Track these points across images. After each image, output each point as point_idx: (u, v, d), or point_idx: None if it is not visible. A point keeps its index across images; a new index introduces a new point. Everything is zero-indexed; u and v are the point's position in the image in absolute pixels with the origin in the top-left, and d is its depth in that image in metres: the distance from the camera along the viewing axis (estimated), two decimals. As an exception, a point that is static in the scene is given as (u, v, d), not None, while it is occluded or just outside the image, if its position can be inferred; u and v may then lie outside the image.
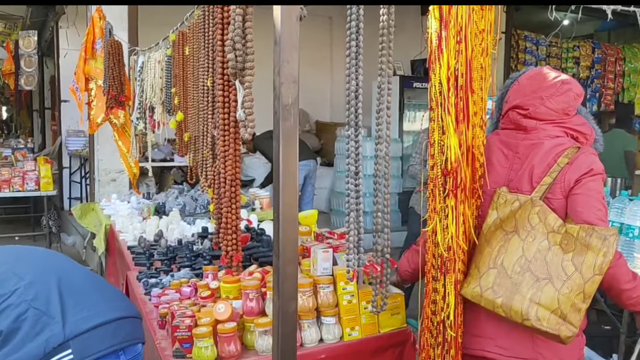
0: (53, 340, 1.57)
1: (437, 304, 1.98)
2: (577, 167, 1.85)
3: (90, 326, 1.64)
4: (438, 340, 1.97)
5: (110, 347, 1.66)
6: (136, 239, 3.66)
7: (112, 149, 5.64)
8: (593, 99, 7.97)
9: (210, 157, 2.16)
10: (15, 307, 1.59)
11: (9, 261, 1.76)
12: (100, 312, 1.70)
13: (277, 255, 1.70)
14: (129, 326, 1.78)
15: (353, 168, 1.86)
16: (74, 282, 1.75)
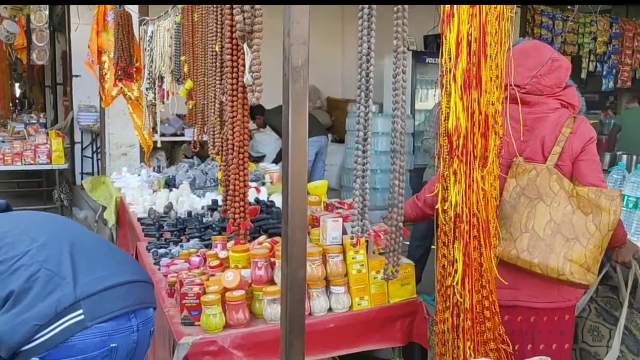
0: (64, 300, 1.56)
1: (446, 269, 1.97)
2: (581, 136, 2.08)
3: (102, 288, 1.64)
4: (447, 304, 1.96)
5: (121, 309, 1.66)
6: (146, 211, 3.66)
7: (122, 123, 5.63)
8: (610, 76, 7.81)
9: (218, 123, 2.13)
10: (27, 268, 1.59)
11: (23, 224, 1.76)
12: (112, 274, 1.70)
13: (285, 222, 1.68)
14: (140, 290, 1.77)
15: (362, 134, 1.82)
16: (86, 246, 1.75)
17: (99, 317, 1.60)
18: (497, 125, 1.95)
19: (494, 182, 1.97)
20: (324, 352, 2.19)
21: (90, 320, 1.58)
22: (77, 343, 1.56)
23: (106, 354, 1.61)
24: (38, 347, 1.53)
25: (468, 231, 1.93)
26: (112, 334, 1.62)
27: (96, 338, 1.59)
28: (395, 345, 2.35)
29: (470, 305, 1.97)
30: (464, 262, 1.94)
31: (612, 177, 3.36)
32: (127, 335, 1.67)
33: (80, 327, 1.56)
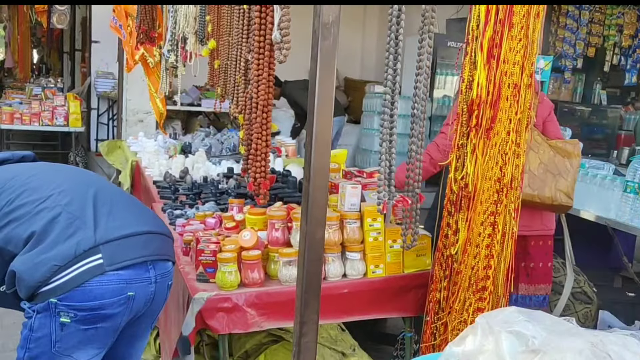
0: (84, 243, 1.57)
1: (449, 238, 1.96)
2: (546, 105, 2.91)
3: (122, 235, 1.64)
4: (446, 272, 1.96)
5: (139, 258, 1.65)
6: (162, 174, 3.66)
7: (140, 90, 5.63)
8: (633, 70, 7.65)
9: (242, 82, 2.11)
10: (49, 210, 1.59)
11: (47, 171, 1.77)
12: (132, 223, 1.70)
13: (307, 180, 1.67)
14: (160, 241, 1.76)
15: (389, 96, 1.81)
16: (109, 195, 1.75)
17: (118, 263, 1.60)
18: (512, 98, 1.92)
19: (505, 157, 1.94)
20: (336, 317, 2.20)
21: (108, 265, 1.58)
22: (95, 288, 1.56)
23: (123, 301, 1.61)
24: (56, 289, 1.54)
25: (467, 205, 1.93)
26: (130, 282, 1.62)
27: (114, 284, 1.59)
28: (406, 315, 2.35)
29: (468, 275, 1.97)
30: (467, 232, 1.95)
31: (633, 167, 3.32)
32: (144, 285, 1.67)
33: (99, 271, 1.56)
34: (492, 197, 1.90)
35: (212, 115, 7.01)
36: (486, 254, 1.90)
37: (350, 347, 2.75)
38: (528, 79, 1.87)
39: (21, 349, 1.59)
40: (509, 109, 1.86)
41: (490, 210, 1.90)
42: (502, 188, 1.90)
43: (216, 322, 1.98)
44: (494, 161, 1.86)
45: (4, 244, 1.58)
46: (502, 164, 1.89)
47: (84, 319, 1.57)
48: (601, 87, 8.05)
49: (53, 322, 1.55)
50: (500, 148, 1.88)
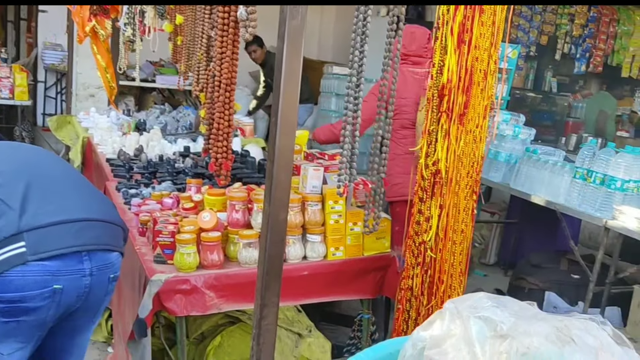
0: (6, 229, 1.44)
1: (421, 225, 1.98)
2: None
3: (51, 222, 1.50)
4: (418, 260, 1.98)
5: (69, 248, 1.51)
6: (115, 152, 3.55)
7: (92, 63, 5.39)
8: (582, 59, 7.89)
9: (204, 59, 2.05)
10: None
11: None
12: (67, 209, 1.56)
13: (271, 161, 1.64)
14: (101, 230, 1.62)
15: (354, 79, 1.79)
16: (49, 178, 1.61)
17: (42, 253, 1.46)
18: (484, 82, 1.95)
19: (474, 143, 1.97)
20: (296, 299, 2.20)
21: (32, 254, 1.45)
22: (15, 278, 1.44)
23: (48, 294, 1.48)
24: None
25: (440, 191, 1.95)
26: (56, 274, 1.49)
27: (37, 276, 1.46)
28: (365, 297, 2.38)
29: (441, 261, 2.00)
30: (439, 219, 1.97)
31: (583, 153, 3.43)
32: (76, 278, 1.53)
33: (20, 260, 1.44)
34: (468, 183, 1.93)
35: (167, 91, 6.83)
36: (461, 239, 1.94)
37: (307, 328, 2.77)
38: (494, 65, 1.90)
39: None
40: (480, 95, 1.87)
41: (469, 195, 1.93)
42: (472, 173, 1.93)
43: (174, 304, 1.95)
44: (469, 147, 1.88)
45: None
46: (475, 149, 1.91)
47: (3, 310, 1.45)
48: (552, 75, 8.28)
49: None
50: (474, 134, 1.90)
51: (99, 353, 2.94)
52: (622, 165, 3.15)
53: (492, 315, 0.85)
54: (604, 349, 0.84)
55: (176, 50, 2.64)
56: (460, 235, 1.96)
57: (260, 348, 1.69)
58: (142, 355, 2.01)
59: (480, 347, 0.83)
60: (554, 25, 7.61)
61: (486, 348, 0.83)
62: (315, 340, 2.72)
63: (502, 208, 5.18)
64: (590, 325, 0.89)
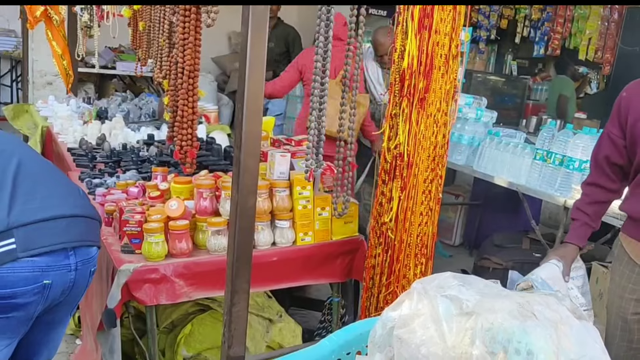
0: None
1: (383, 206, 2.02)
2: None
3: (39, 218, 1.50)
4: (380, 240, 2.02)
5: (58, 244, 1.53)
6: (77, 141, 3.47)
7: (48, 50, 5.25)
8: (541, 42, 8.05)
9: (166, 46, 2.02)
10: None
11: None
12: (54, 205, 1.56)
13: (238, 148, 1.64)
14: (83, 226, 1.64)
15: (320, 65, 1.80)
16: (32, 170, 1.59)
17: (33, 250, 1.47)
18: (445, 67, 1.98)
19: (435, 127, 2.00)
20: (266, 285, 2.21)
21: (22, 252, 1.45)
22: (5, 275, 1.43)
23: (38, 290, 1.49)
24: None
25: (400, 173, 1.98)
26: (46, 270, 1.50)
27: (27, 272, 1.46)
28: (334, 281, 2.41)
29: (399, 242, 2.04)
30: (400, 200, 2.01)
31: (542, 135, 3.52)
32: (63, 273, 1.55)
33: (10, 257, 1.43)
34: (429, 166, 1.97)
35: (128, 78, 6.70)
36: (421, 220, 1.98)
37: (277, 313, 2.79)
38: (455, 49, 1.93)
39: None
40: (441, 79, 1.91)
41: (430, 177, 1.97)
42: (435, 156, 1.97)
43: (143, 293, 1.94)
44: (430, 130, 1.92)
45: None
46: (436, 133, 1.95)
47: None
48: (512, 58, 8.43)
49: None
50: (435, 118, 1.93)
51: (66, 345, 2.90)
52: (579, 146, 3.25)
53: (457, 294, 0.88)
54: (563, 322, 0.88)
55: (136, 36, 2.58)
56: (419, 218, 2.00)
57: (231, 334, 1.70)
58: (111, 345, 1.99)
59: (447, 325, 0.86)
60: (513, 9, 7.73)
61: (453, 325, 0.86)
62: (285, 325, 2.74)
63: (466, 190, 5.29)
64: (550, 300, 0.93)
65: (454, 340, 0.85)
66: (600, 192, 1.91)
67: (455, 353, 0.84)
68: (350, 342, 1.10)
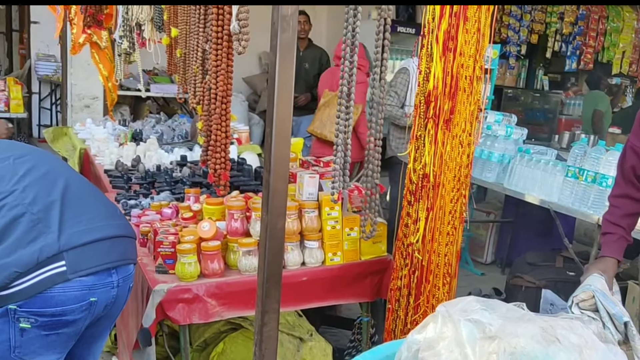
0: (47, 249, 1.50)
1: (409, 227, 2.03)
2: None
3: (87, 241, 1.57)
4: (406, 261, 2.03)
5: (103, 265, 1.60)
6: (113, 163, 3.59)
7: (86, 74, 5.46)
8: (573, 57, 7.96)
9: (200, 72, 2.10)
10: (11, 209, 1.51)
11: (9, 157, 1.64)
12: (98, 227, 1.63)
13: (268, 171, 1.69)
14: (124, 246, 1.72)
15: (345, 89, 1.84)
16: (77, 192, 1.67)
17: (81, 271, 1.54)
18: (470, 88, 1.99)
19: (460, 147, 2.02)
20: (296, 305, 2.24)
21: (72, 273, 1.52)
22: (56, 294, 1.51)
23: (85, 307, 1.57)
24: (15, 295, 1.48)
25: (427, 194, 2.00)
26: (92, 288, 1.58)
27: (77, 291, 1.54)
28: (363, 301, 2.42)
29: (427, 262, 2.05)
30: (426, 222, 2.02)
31: (574, 152, 3.48)
32: (107, 290, 1.63)
33: (62, 278, 1.51)
34: (455, 186, 1.98)
35: (162, 100, 6.87)
36: (447, 241, 1.99)
37: (308, 332, 2.81)
38: (480, 70, 1.95)
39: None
40: (466, 101, 1.93)
41: (456, 198, 1.98)
42: (460, 176, 1.98)
43: (177, 313, 1.99)
44: (455, 151, 1.94)
45: None
46: (462, 154, 1.96)
47: (45, 324, 1.52)
48: (543, 73, 8.35)
49: (12, 328, 1.49)
50: (460, 139, 1.95)
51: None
52: (612, 163, 3.20)
53: (481, 318, 0.90)
54: (588, 347, 0.88)
55: (171, 62, 2.68)
56: (446, 237, 2.01)
57: (262, 354, 1.73)
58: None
59: (471, 349, 0.88)
60: (544, 24, 7.67)
61: (476, 349, 0.87)
62: (316, 343, 2.76)
63: (498, 207, 5.24)
64: (575, 324, 0.94)
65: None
66: (630, 204, 1.87)
67: (479, 377, 0.86)
68: (377, 364, 1.12)
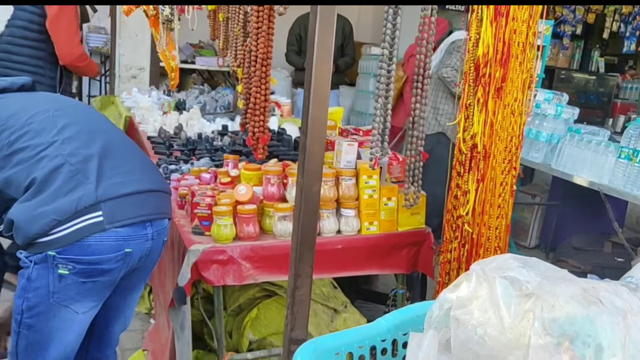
0: (85, 199, 1.54)
1: (459, 199, 1.97)
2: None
3: (123, 193, 1.61)
4: (456, 234, 1.98)
5: (139, 217, 1.64)
6: (156, 130, 3.64)
7: (134, 45, 5.54)
8: (632, 38, 7.58)
9: (241, 35, 2.08)
10: (51, 159, 1.56)
11: (50, 110, 1.69)
12: (135, 180, 1.67)
13: (304, 134, 1.66)
14: (159, 199, 1.75)
15: (387, 52, 1.79)
16: (115, 145, 1.71)
17: (117, 222, 1.58)
18: (523, 55, 1.90)
19: (512, 117, 1.94)
20: (330, 272, 2.22)
21: (108, 224, 1.56)
22: (93, 243, 1.56)
23: (120, 257, 1.61)
24: (54, 242, 1.53)
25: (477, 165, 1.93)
26: (127, 239, 1.62)
27: (112, 241, 1.58)
28: (399, 272, 2.38)
29: (478, 235, 1.99)
30: (477, 193, 1.96)
31: (628, 133, 3.32)
32: (141, 242, 1.67)
33: (98, 228, 1.55)
34: (506, 157, 1.91)
35: (206, 73, 6.93)
36: (498, 213, 1.93)
37: (342, 304, 2.80)
38: (533, 37, 1.86)
39: (19, 298, 1.59)
40: (518, 68, 1.84)
41: (507, 169, 1.92)
42: (511, 147, 1.91)
43: (211, 273, 2.00)
44: (507, 121, 1.86)
45: (4, 186, 1.57)
46: (513, 124, 1.89)
47: (82, 271, 1.56)
48: (599, 55, 8.00)
49: (51, 274, 1.54)
50: (512, 108, 1.87)
51: (141, 324, 3.06)
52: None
53: (517, 275, 0.85)
54: (633, 313, 0.83)
55: (214, 28, 2.67)
56: (497, 210, 1.95)
57: (294, 317, 1.73)
58: (182, 322, 2.08)
59: (505, 307, 0.84)
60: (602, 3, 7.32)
61: (511, 307, 0.83)
62: (350, 315, 2.75)
63: (544, 190, 5.08)
64: (621, 289, 0.88)
65: (511, 322, 0.82)
66: None
67: (512, 335, 0.81)
68: (407, 323, 1.09)
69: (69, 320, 1.61)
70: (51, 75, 3.26)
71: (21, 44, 3.16)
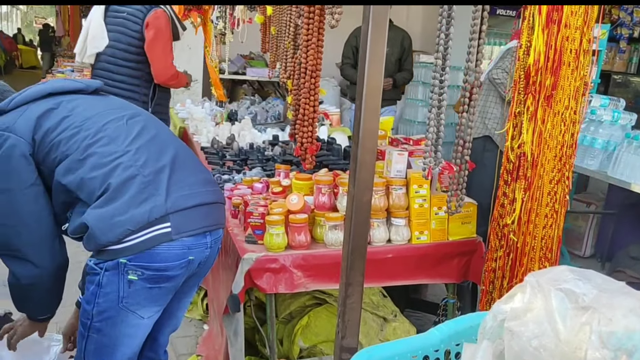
0: (156, 211, 1.61)
1: (505, 207, 1.95)
2: None
3: (189, 205, 1.69)
4: (501, 242, 1.96)
5: (201, 228, 1.71)
6: (209, 141, 3.74)
7: (187, 57, 5.69)
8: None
9: (291, 47, 2.13)
10: (125, 169, 1.62)
11: (124, 118, 1.76)
12: (199, 193, 1.74)
13: (355, 143, 1.68)
14: (218, 211, 1.83)
15: (440, 62, 1.80)
16: (182, 157, 1.78)
17: (183, 233, 1.66)
18: (574, 62, 1.87)
19: (563, 125, 1.90)
20: (381, 281, 2.23)
21: (175, 234, 1.64)
22: (161, 252, 1.63)
23: (184, 265, 1.69)
24: (126, 249, 1.60)
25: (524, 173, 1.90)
26: (191, 247, 1.69)
27: (178, 250, 1.66)
28: (450, 282, 2.37)
29: (523, 245, 1.96)
30: (523, 202, 1.93)
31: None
32: (202, 250, 1.74)
33: (166, 238, 1.62)
34: (556, 166, 1.89)
35: (257, 84, 7.05)
36: (546, 223, 1.90)
37: (392, 312, 2.80)
38: (587, 44, 1.83)
39: (88, 304, 1.65)
40: (570, 76, 1.82)
41: (557, 178, 1.89)
42: (562, 156, 1.88)
43: (264, 281, 2.05)
44: (557, 129, 1.84)
45: (75, 188, 1.61)
46: (564, 132, 1.86)
47: (150, 278, 1.63)
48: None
49: (121, 280, 1.62)
50: (563, 116, 1.84)
51: (195, 330, 3.14)
52: None
53: (573, 288, 0.85)
54: (695, 327, 0.81)
55: (265, 41, 2.74)
56: (543, 220, 1.92)
57: (345, 325, 1.74)
58: (235, 328, 2.13)
59: (561, 319, 0.83)
60: None
61: (567, 320, 0.83)
62: (400, 324, 2.74)
63: (600, 198, 4.92)
64: (682, 303, 0.86)
65: (567, 335, 0.82)
66: None
67: (568, 348, 0.81)
68: (460, 334, 1.09)
69: (135, 325, 1.68)
70: (145, 92, 3.45)
71: (121, 65, 3.36)
